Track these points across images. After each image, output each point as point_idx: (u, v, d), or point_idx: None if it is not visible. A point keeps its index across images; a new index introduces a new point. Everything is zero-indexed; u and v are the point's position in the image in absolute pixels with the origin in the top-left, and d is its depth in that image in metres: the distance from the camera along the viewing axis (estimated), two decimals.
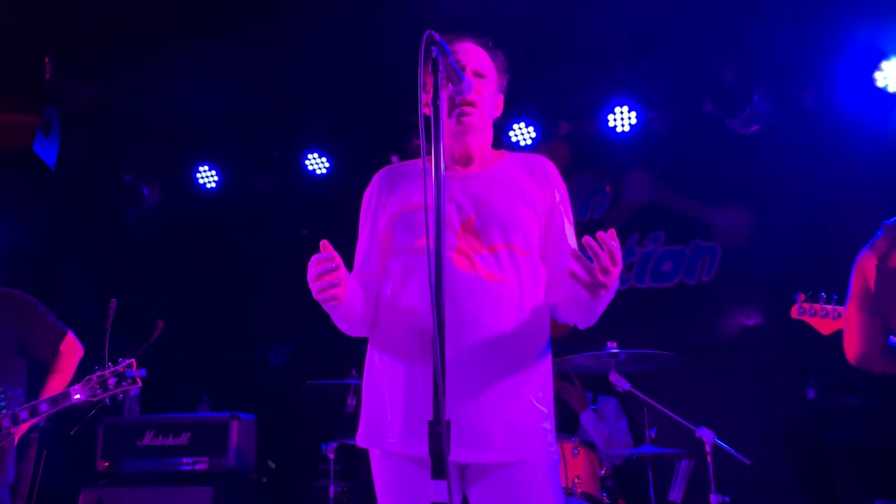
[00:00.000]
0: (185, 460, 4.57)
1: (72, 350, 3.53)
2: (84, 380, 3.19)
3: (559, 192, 2.14)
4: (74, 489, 4.52)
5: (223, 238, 6.06)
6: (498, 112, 2.21)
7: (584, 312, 1.99)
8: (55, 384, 3.41)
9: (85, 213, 5.83)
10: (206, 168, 6.00)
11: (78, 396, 3.17)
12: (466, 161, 2.13)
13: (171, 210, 6.10)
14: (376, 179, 2.21)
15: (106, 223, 5.93)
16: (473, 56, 2.12)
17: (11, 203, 5.07)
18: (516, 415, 1.92)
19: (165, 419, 4.73)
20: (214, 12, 4.43)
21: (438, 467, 1.47)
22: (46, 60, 4.58)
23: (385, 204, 2.13)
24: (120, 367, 3.20)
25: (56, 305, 3.93)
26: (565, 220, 2.11)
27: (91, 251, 5.74)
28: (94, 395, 3.17)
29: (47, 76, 4.60)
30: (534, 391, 1.97)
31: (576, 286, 1.82)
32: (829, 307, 3.67)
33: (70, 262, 5.62)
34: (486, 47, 2.18)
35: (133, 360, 3.24)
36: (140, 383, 3.22)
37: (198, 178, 6.02)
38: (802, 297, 3.74)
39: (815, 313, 3.69)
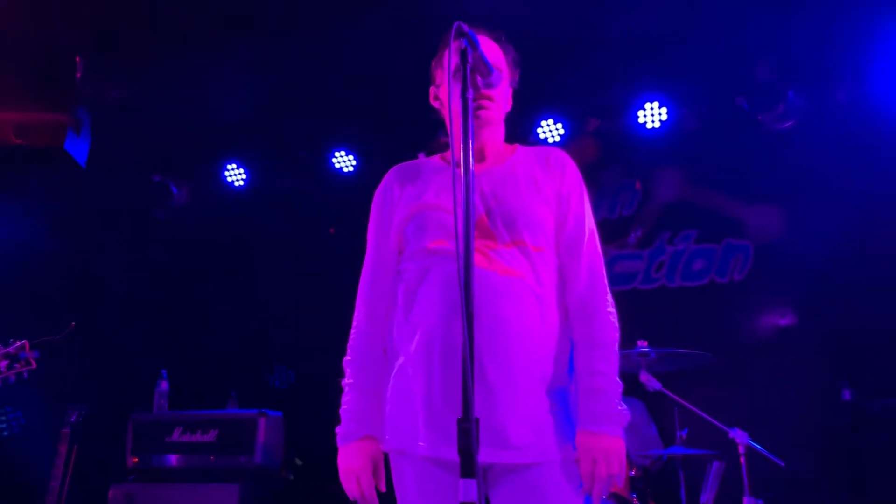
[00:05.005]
0: (212, 457, 4.59)
1: None
2: None
3: (572, 182, 2.07)
4: (104, 485, 4.56)
5: (251, 235, 6.09)
6: (508, 107, 2.17)
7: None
8: None
9: (114, 211, 5.88)
10: (235, 166, 6.03)
11: None
12: (479, 157, 2.09)
13: (200, 208, 6.14)
14: (386, 180, 2.19)
15: (135, 221, 5.98)
16: (487, 50, 2.04)
17: (43, 200, 5.13)
18: (539, 414, 1.87)
19: (194, 416, 4.75)
20: (242, 12, 4.44)
21: (468, 466, 1.42)
22: (77, 60, 4.62)
23: (396, 205, 2.10)
24: (11, 349, 3.07)
25: (84, 304, 3.95)
26: (576, 212, 2.05)
27: (120, 249, 5.79)
28: None
29: (78, 76, 4.65)
30: (557, 389, 1.93)
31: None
32: None
33: (99, 260, 5.67)
34: (498, 41, 2.13)
35: (26, 341, 3.08)
36: (34, 365, 3.07)
37: (226, 177, 6.06)
38: None
39: None
